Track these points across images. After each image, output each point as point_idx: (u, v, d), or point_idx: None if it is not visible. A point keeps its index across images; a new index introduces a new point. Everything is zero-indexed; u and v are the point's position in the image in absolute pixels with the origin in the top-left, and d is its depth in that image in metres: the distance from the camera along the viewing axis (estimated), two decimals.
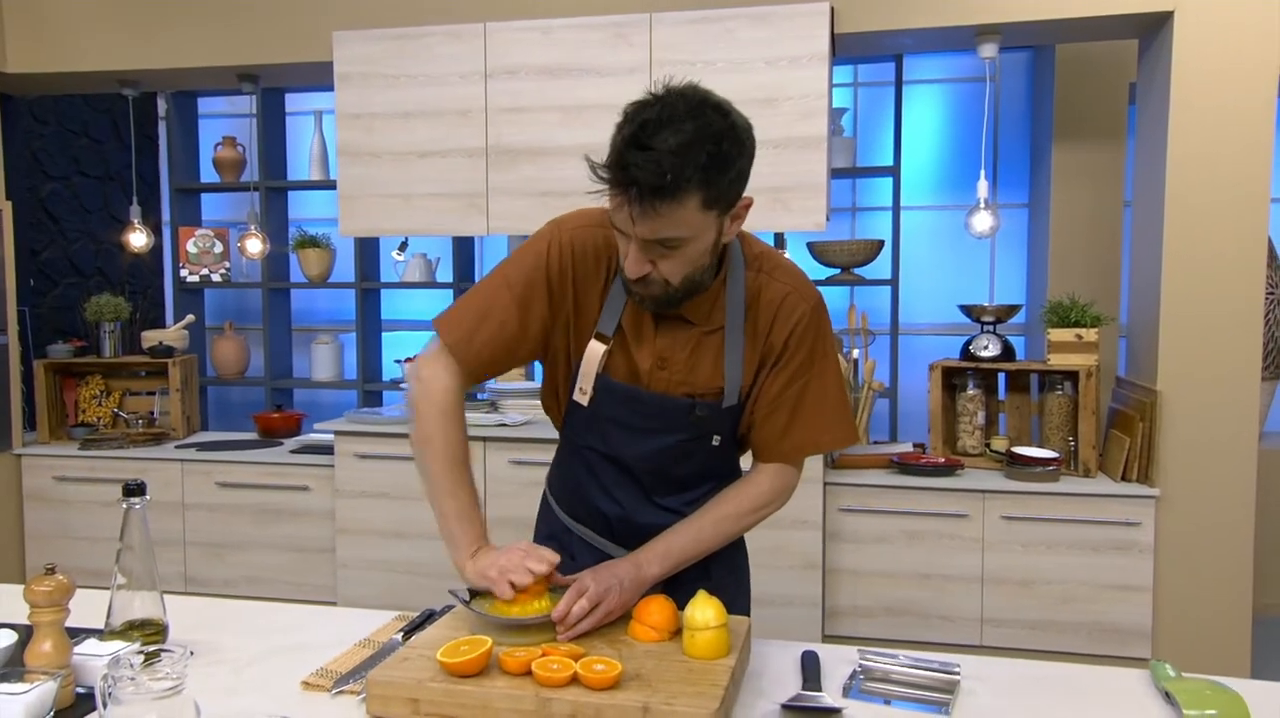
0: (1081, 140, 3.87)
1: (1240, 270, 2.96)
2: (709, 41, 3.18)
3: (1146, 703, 1.28)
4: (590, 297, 1.45)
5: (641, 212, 1.23)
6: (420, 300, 4.81)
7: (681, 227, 1.26)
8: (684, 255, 1.30)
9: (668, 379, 1.45)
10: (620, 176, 1.23)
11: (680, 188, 1.21)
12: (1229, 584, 3.02)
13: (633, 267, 1.31)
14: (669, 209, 1.23)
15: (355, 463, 3.47)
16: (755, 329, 1.45)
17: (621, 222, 1.28)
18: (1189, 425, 3.01)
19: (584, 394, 1.48)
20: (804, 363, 1.46)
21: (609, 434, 1.50)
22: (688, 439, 1.49)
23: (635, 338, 1.45)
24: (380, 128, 3.47)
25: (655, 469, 1.51)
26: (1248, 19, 2.91)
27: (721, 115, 1.27)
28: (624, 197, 1.24)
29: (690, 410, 1.46)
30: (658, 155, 1.20)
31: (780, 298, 1.45)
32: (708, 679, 1.22)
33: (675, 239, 1.27)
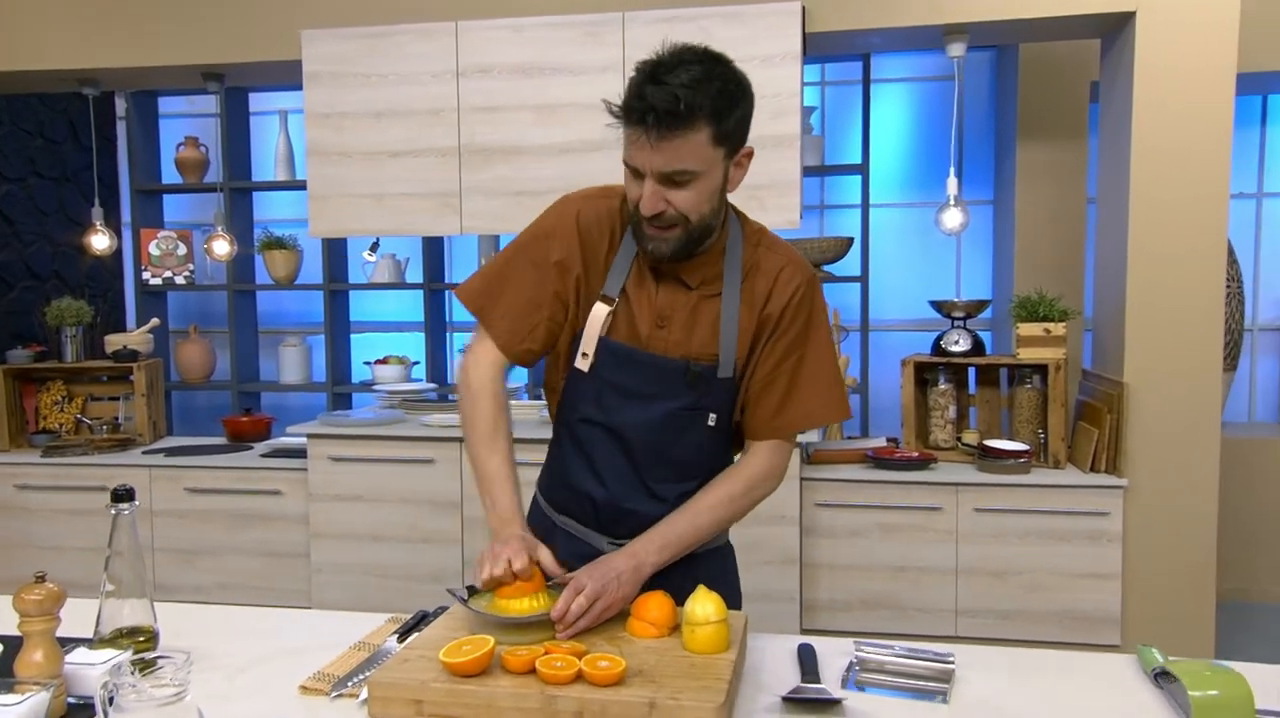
0: (1045, 138, 3.94)
1: (1202, 265, 3.04)
2: (682, 40, 3.17)
3: (1135, 688, 1.32)
4: (597, 262, 1.50)
5: (659, 138, 1.30)
6: (389, 302, 4.77)
7: (693, 158, 1.33)
8: (696, 191, 1.36)
9: (665, 340, 1.48)
10: (638, 106, 1.30)
11: (693, 115, 1.29)
12: (1194, 570, 3.10)
13: (649, 202, 1.36)
14: (683, 137, 1.31)
15: (329, 466, 3.43)
16: (752, 298, 1.49)
17: (638, 156, 1.34)
18: (1155, 417, 3.08)
19: (585, 359, 1.50)
20: (799, 336, 1.50)
21: (607, 400, 1.51)
22: (684, 408, 1.50)
23: (638, 298, 1.49)
24: (351, 127, 3.44)
25: (651, 444, 1.52)
26: (1207, 19, 2.98)
27: (727, 64, 1.37)
28: (641, 128, 1.31)
29: (686, 372, 1.48)
30: (672, 88, 1.28)
31: (777, 269, 1.50)
32: (711, 674, 1.23)
33: (688, 172, 1.34)
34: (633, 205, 1.40)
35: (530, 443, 3.26)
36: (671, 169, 1.33)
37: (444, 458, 3.36)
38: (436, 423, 3.40)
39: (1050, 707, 1.24)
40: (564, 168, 3.31)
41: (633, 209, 1.41)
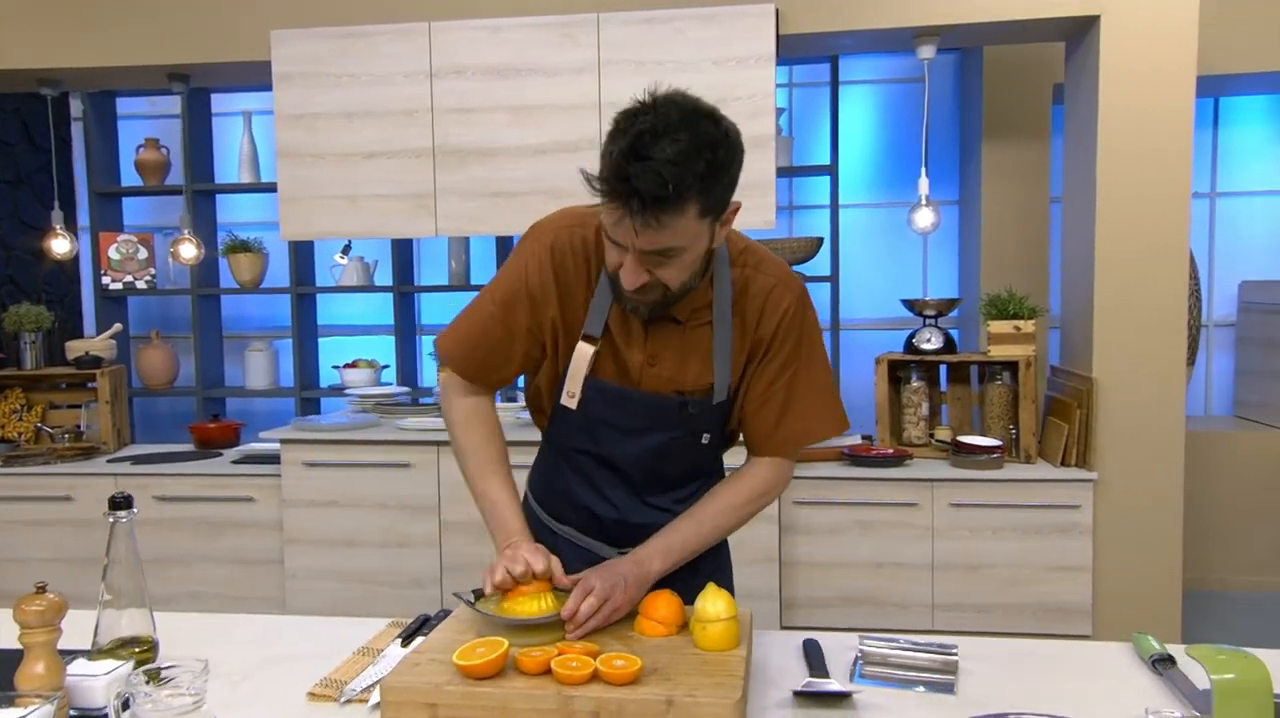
0: (1009, 139, 4.01)
1: (1166, 263, 3.12)
2: (657, 42, 3.21)
3: (1134, 674, 1.35)
4: (574, 298, 1.45)
5: (644, 223, 1.22)
6: (357, 305, 4.72)
7: (680, 236, 1.26)
8: (680, 263, 1.31)
9: (658, 377, 1.46)
10: (621, 188, 1.21)
11: (681, 197, 1.21)
12: (1161, 561, 3.18)
13: (630, 278, 1.30)
14: (670, 219, 1.23)
15: (302, 472, 3.38)
16: (743, 323, 1.46)
17: (620, 234, 1.27)
18: (1123, 411, 3.16)
19: (571, 398, 1.47)
20: (792, 353, 1.48)
21: (599, 436, 1.50)
22: (678, 437, 1.50)
23: (624, 337, 1.45)
24: (323, 128, 3.39)
25: (646, 469, 1.52)
26: (1168, 24, 3.06)
27: (714, 123, 1.26)
28: (624, 209, 1.22)
29: (681, 408, 1.47)
30: (657, 165, 1.18)
31: (766, 291, 1.46)
32: (724, 670, 1.24)
33: (674, 248, 1.28)
34: (612, 270, 1.34)
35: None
36: (656, 248, 1.27)
37: (421, 462, 3.33)
38: (413, 426, 3.37)
39: (1054, 695, 1.27)
40: (539, 169, 3.30)
41: (611, 273, 1.35)
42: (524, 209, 3.31)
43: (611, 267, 1.34)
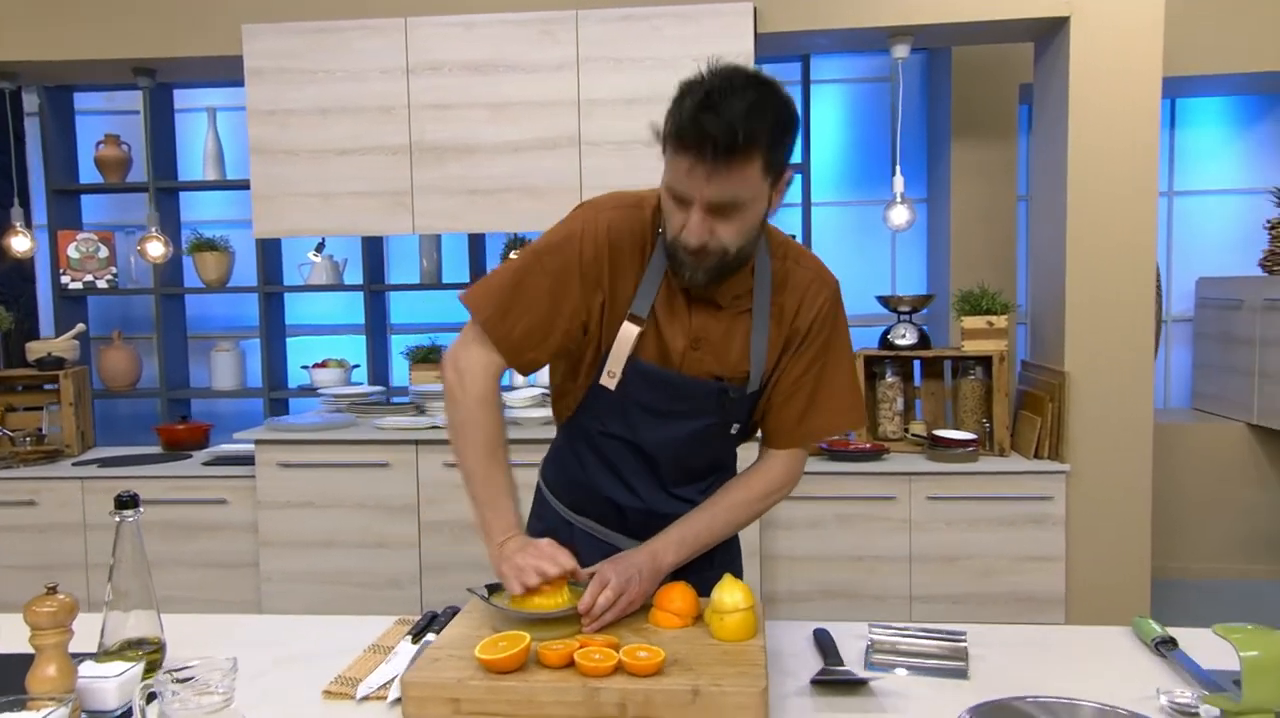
0: (977, 138, 4.08)
1: (1134, 259, 3.19)
2: (636, 39, 3.21)
3: (1138, 656, 1.39)
4: (626, 279, 1.44)
5: (714, 170, 1.25)
6: (326, 304, 4.66)
7: (745, 188, 1.29)
8: (742, 221, 1.32)
9: (699, 362, 1.46)
10: (695, 135, 1.24)
11: (751, 146, 1.24)
12: (1131, 550, 3.25)
13: (696, 233, 1.31)
14: (739, 167, 1.26)
15: (277, 472, 3.33)
16: (781, 313, 1.48)
17: (689, 185, 1.28)
18: (1094, 404, 3.23)
19: (612, 378, 1.46)
20: (822, 347, 1.50)
21: (634, 419, 1.49)
22: (712, 424, 1.50)
23: (669, 320, 1.45)
24: (296, 124, 3.35)
25: (674, 457, 1.52)
26: (1134, 26, 3.14)
27: (777, 87, 1.31)
28: (696, 157, 1.25)
29: (721, 394, 1.47)
30: (729, 116, 1.22)
31: (806, 284, 1.48)
32: (745, 660, 1.25)
33: (738, 201, 1.29)
34: (674, 232, 1.35)
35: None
36: (723, 199, 1.29)
37: (399, 461, 3.30)
38: (390, 426, 3.34)
39: (1063, 678, 1.30)
40: (518, 166, 3.29)
41: (673, 236, 1.36)
42: (502, 207, 3.30)
43: (675, 228, 1.34)
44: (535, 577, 1.32)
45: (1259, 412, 4.03)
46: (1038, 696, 1.23)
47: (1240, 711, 0.93)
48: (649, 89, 3.21)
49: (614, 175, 3.26)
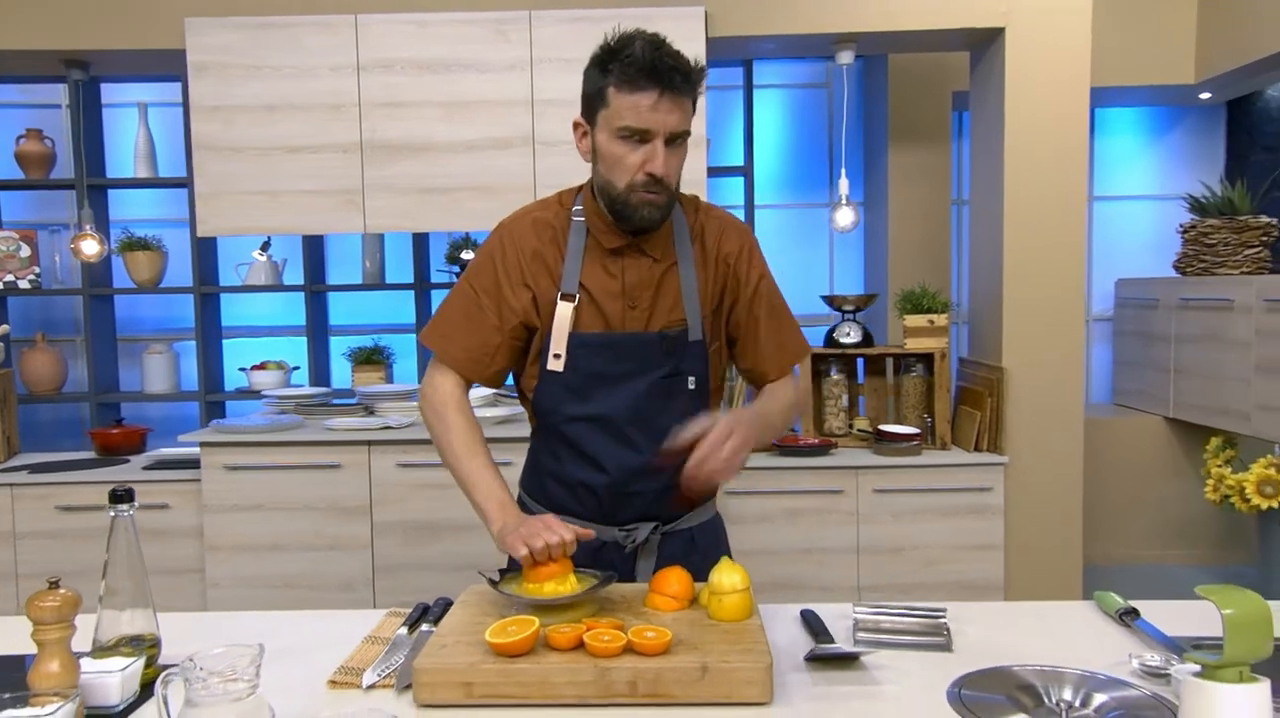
0: (914, 144, 4.22)
1: (1067, 260, 3.35)
2: (590, 40, 3.17)
3: (1105, 627, 1.48)
4: (549, 269, 1.56)
5: (675, 101, 1.42)
6: (263, 305, 4.57)
7: (690, 120, 1.47)
8: (682, 155, 1.49)
9: (638, 318, 1.55)
10: (660, 67, 1.41)
11: (699, 80, 1.46)
12: (1064, 538, 3.41)
13: (663, 162, 1.45)
14: (689, 100, 1.45)
15: (224, 475, 3.26)
16: (704, 257, 1.60)
17: (653, 119, 1.42)
18: (1030, 398, 3.37)
19: (558, 359, 1.55)
20: (760, 284, 1.64)
21: (589, 393, 1.55)
22: (664, 377, 1.56)
23: (602, 289, 1.55)
24: (242, 121, 3.29)
25: (639, 420, 1.57)
26: (1065, 38, 3.29)
27: None
28: (661, 91, 1.41)
29: (662, 342, 1.55)
30: (679, 54, 1.44)
31: (720, 228, 1.63)
32: (747, 638, 1.29)
33: (686, 133, 1.47)
34: (632, 173, 1.46)
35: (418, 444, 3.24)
36: (681, 128, 1.45)
37: (351, 462, 3.26)
38: (341, 426, 3.30)
39: (1041, 648, 1.37)
40: (472, 164, 3.29)
41: (629, 179, 1.46)
42: (457, 205, 3.29)
43: (632, 169, 1.46)
44: (542, 544, 1.36)
45: (1175, 406, 4.26)
46: (1022, 664, 1.30)
47: (1220, 664, 1.00)
48: None
49: (568, 175, 3.24)
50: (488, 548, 3.22)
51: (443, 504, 3.25)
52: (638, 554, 1.61)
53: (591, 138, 1.52)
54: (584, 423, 1.57)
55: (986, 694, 1.23)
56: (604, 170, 1.50)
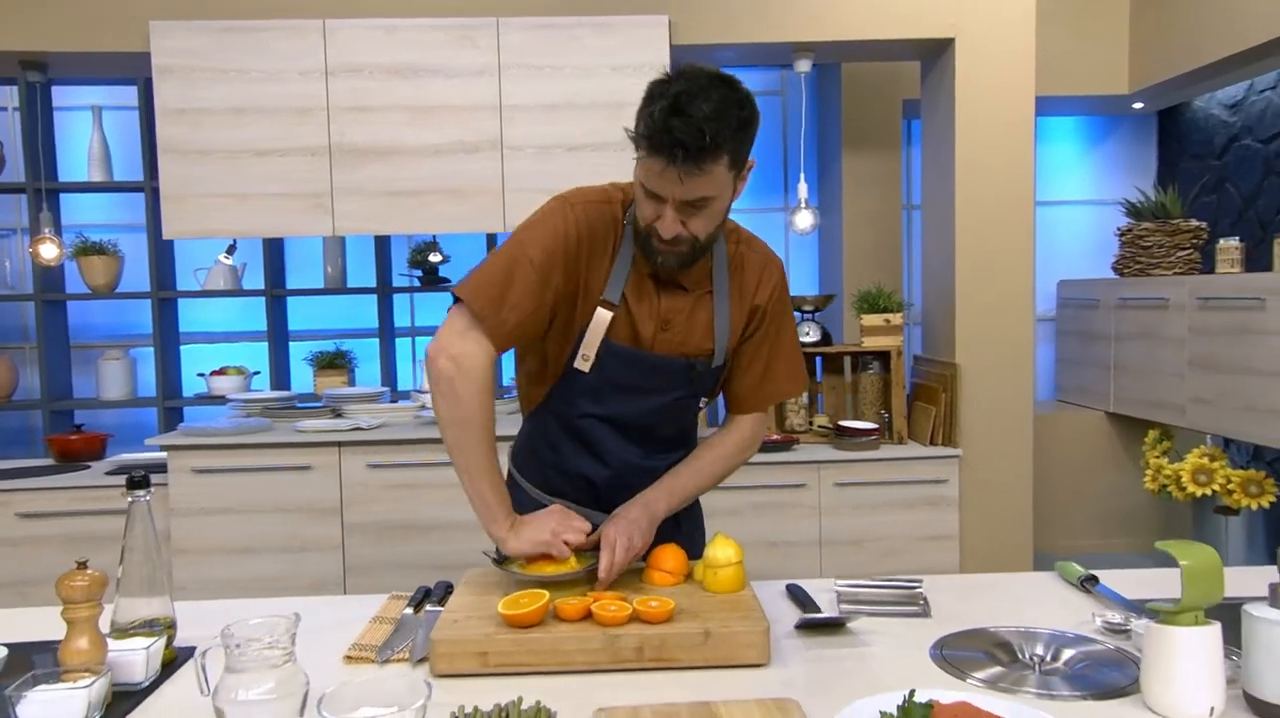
0: (866, 150, 4.37)
1: (1015, 261, 3.51)
2: (556, 47, 3.31)
3: (1068, 593, 1.59)
4: (598, 269, 1.54)
5: (685, 172, 1.35)
6: (220, 310, 4.54)
7: (714, 186, 1.40)
8: (711, 213, 1.45)
9: (669, 342, 1.58)
10: (666, 141, 1.34)
11: (718, 147, 1.35)
12: (1016, 528, 3.56)
13: (669, 227, 1.43)
14: (708, 168, 1.36)
15: (192, 479, 3.26)
16: (741, 293, 1.61)
17: (661, 186, 1.39)
18: (982, 393, 3.52)
19: (586, 361, 1.55)
20: (775, 321, 1.66)
21: (606, 397, 1.59)
22: (681, 398, 1.62)
23: (639, 305, 1.56)
24: (208, 124, 3.29)
25: (645, 427, 1.63)
26: (1011, 49, 3.45)
27: (738, 85, 1.41)
28: (668, 161, 1.35)
29: (689, 370, 1.59)
30: (698, 121, 1.32)
31: (761, 266, 1.63)
32: (744, 606, 1.37)
33: (708, 198, 1.41)
34: (645, 224, 1.46)
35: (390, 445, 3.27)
36: (693, 198, 1.40)
37: (321, 463, 3.28)
38: (311, 429, 3.31)
39: (1012, 612, 1.48)
40: (440, 168, 3.33)
41: (645, 227, 1.47)
42: (425, 208, 3.33)
43: (646, 220, 1.46)
44: (578, 535, 1.45)
45: (1115, 401, 4.45)
46: (996, 625, 1.40)
47: (1179, 609, 1.11)
48: (570, 96, 3.32)
49: (535, 179, 3.35)
50: (457, 547, 3.28)
51: (413, 504, 3.29)
52: None
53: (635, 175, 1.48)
54: (593, 420, 1.62)
55: (966, 652, 1.32)
56: (636, 208, 1.50)
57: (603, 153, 3.35)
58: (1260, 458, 4.34)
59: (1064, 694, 1.19)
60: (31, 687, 1.08)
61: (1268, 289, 3.39)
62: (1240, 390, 3.53)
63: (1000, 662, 1.30)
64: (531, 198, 3.32)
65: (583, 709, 1.14)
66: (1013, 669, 1.28)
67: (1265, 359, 3.39)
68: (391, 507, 3.29)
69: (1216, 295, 3.67)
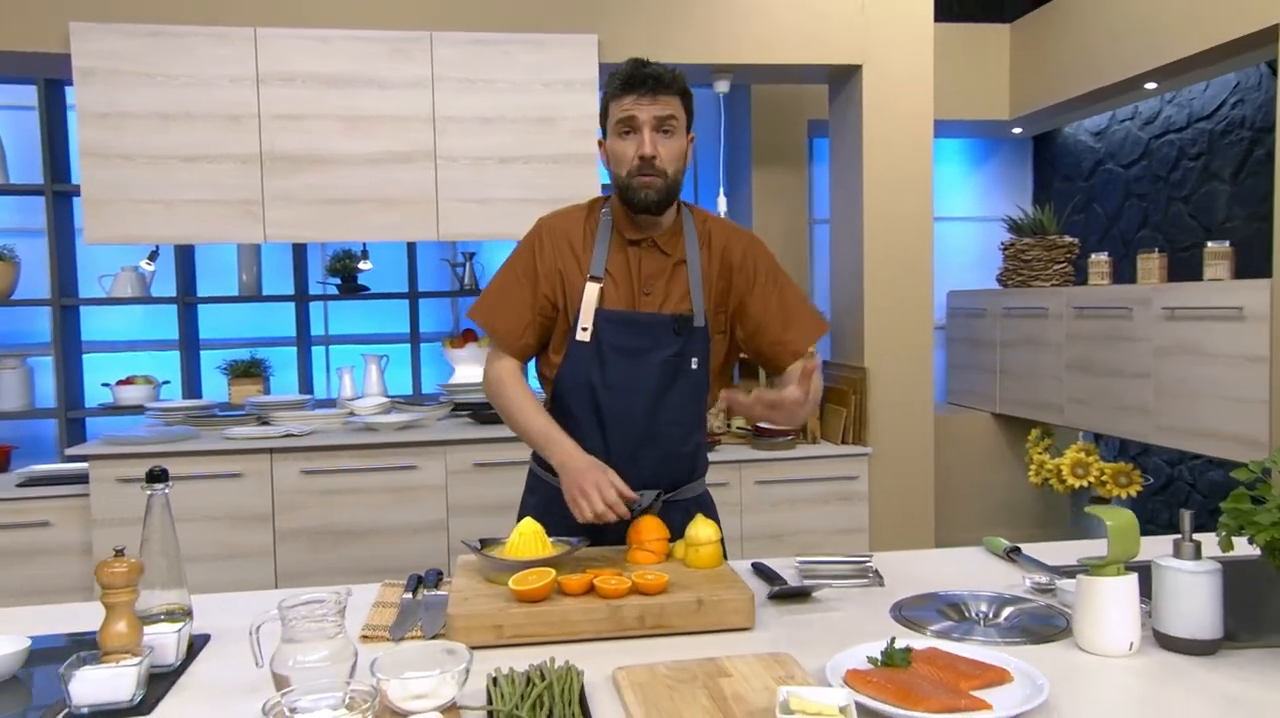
0: (774, 167, 4.61)
1: (917, 272, 3.79)
2: (489, 62, 3.41)
3: (996, 564, 1.80)
4: (578, 255, 1.83)
5: (655, 96, 1.72)
6: (121, 318, 4.41)
7: (675, 110, 1.75)
8: (675, 143, 1.76)
9: (651, 303, 1.81)
10: (639, 75, 1.73)
11: (676, 85, 1.76)
12: (920, 520, 3.83)
13: (649, 144, 1.73)
14: (669, 96, 1.74)
15: (117, 489, 3.20)
16: (710, 259, 1.86)
17: (637, 110, 1.72)
18: (888, 395, 3.78)
19: (585, 332, 1.80)
20: (769, 275, 1.88)
21: (609, 362, 1.79)
22: (672, 355, 1.79)
23: (622, 275, 1.82)
24: (133, 129, 3.25)
25: (649, 391, 1.79)
26: (912, 74, 3.74)
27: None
28: (640, 90, 1.72)
29: (675, 323, 1.79)
30: (659, 66, 1.76)
31: (726, 233, 1.89)
32: (726, 579, 1.52)
33: (674, 119, 1.74)
34: (629, 161, 1.74)
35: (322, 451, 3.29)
36: (664, 114, 1.73)
37: (252, 471, 3.27)
38: (242, 436, 3.30)
39: (954, 580, 1.67)
40: (374, 178, 3.38)
41: (627, 169, 1.74)
42: (359, 217, 3.37)
43: (626, 158, 1.74)
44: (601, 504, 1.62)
45: (1000, 402, 4.81)
46: (950, 591, 1.59)
47: (1105, 562, 1.31)
48: (502, 109, 3.42)
49: (469, 189, 3.44)
50: (392, 552, 3.33)
51: (347, 510, 3.31)
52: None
53: (607, 148, 1.81)
54: (602, 388, 1.80)
55: (921, 611, 1.51)
56: (613, 166, 1.79)
57: (534, 165, 3.47)
58: (1125, 452, 4.77)
59: (1010, 641, 1.38)
60: (78, 667, 1.14)
61: (1133, 299, 3.76)
62: (1111, 391, 3.90)
63: (951, 618, 1.48)
64: (465, 207, 3.45)
65: (595, 674, 1.26)
66: (962, 624, 1.46)
67: (1132, 362, 3.76)
68: (325, 513, 3.31)
69: (1090, 305, 4.04)
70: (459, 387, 3.88)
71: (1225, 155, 4.18)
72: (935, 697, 1.11)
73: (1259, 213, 3.99)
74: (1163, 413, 3.63)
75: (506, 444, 3.34)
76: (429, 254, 4.42)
